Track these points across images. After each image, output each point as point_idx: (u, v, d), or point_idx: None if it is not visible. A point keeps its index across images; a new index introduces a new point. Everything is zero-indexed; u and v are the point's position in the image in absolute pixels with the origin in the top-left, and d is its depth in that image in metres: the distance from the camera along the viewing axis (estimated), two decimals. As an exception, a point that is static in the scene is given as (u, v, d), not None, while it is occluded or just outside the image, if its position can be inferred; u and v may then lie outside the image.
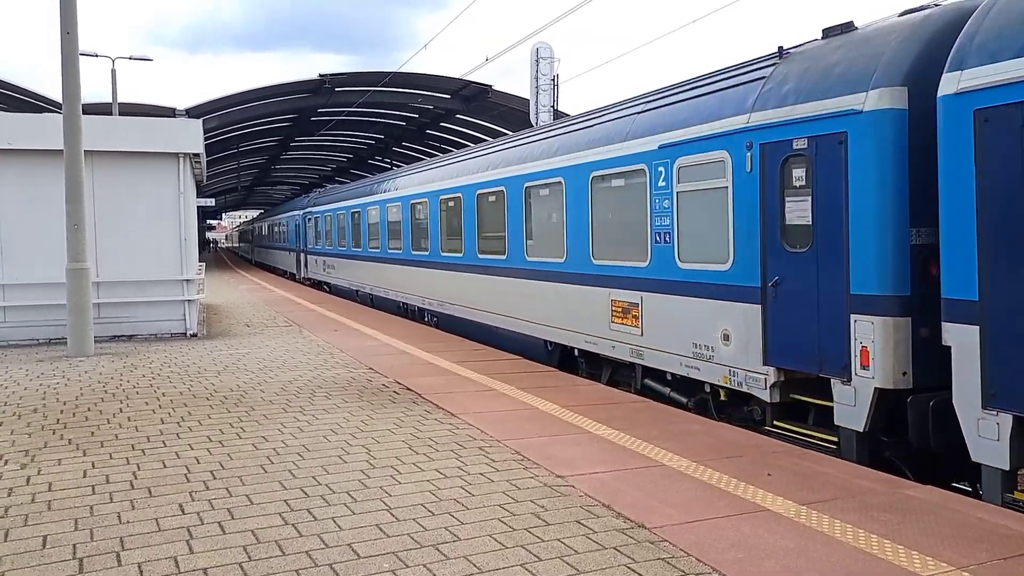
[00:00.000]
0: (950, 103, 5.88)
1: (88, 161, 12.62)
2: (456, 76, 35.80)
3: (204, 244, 76.46)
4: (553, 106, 33.38)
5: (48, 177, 13.17)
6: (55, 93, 27.15)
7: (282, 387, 9.28)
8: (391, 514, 4.95)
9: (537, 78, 32.89)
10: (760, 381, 7.49)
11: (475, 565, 4.17)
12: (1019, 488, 5.55)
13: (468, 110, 39.52)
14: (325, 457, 6.27)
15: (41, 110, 27.91)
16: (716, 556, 4.27)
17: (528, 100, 34.28)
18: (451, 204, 15.25)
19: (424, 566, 4.15)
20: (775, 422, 7.49)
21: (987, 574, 4.03)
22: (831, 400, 6.83)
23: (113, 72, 31.24)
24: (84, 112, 12.43)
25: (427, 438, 6.86)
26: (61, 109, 12.21)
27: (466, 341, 13.61)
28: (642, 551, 4.35)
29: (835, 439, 6.84)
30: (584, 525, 4.75)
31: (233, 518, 4.89)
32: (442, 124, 43.79)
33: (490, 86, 36.60)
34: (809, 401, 7.24)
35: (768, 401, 7.46)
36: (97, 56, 31.04)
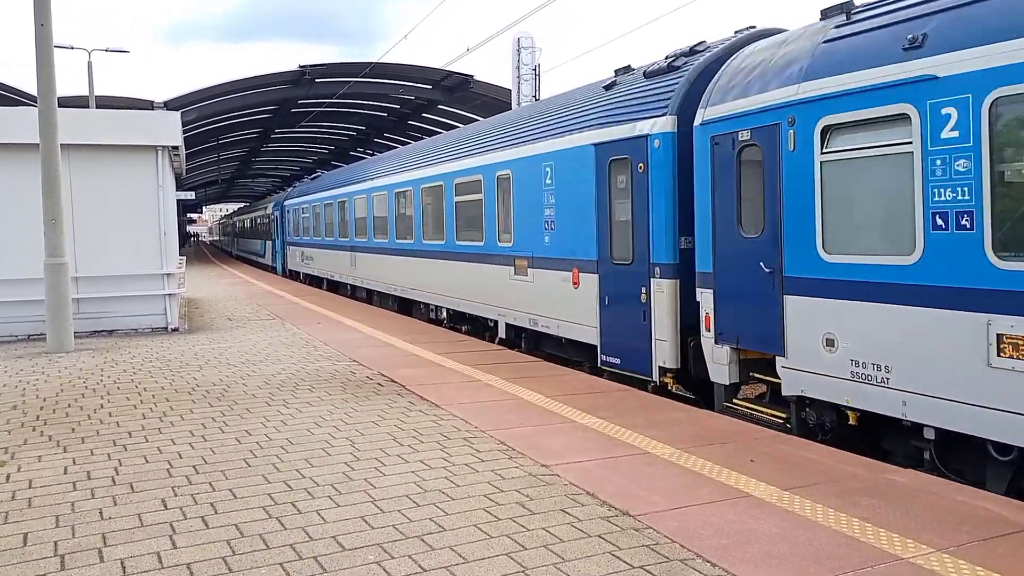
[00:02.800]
0: (699, 131, 8.18)
1: (65, 155, 12.46)
2: (438, 67, 35.65)
3: (185, 238, 74.88)
4: (535, 96, 33.30)
5: (24, 171, 12.97)
6: (30, 86, 26.79)
7: (265, 381, 9.23)
8: (376, 506, 4.94)
9: (519, 68, 32.78)
10: None
11: (460, 555, 4.16)
12: (737, 398, 7.91)
13: (450, 100, 39.35)
14: (309, 450, 6.24)
15: (15, 103, 27.52)
16: (700, 542, 4.29)
17: (510, 90, 34.18)
18: None
19: (409, 557, 4.15)
20: None
21: (967, 555, 4.07)
22: None
23: (89, 64, 30.88)
24: (60, 105, 12.27)
25: (411, 430, 6.85)
26: (35, 102, 12.04)
27: (449, 332, 13.57)
28: (627, 538, 4.36)
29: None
30: (569, 514, 4.76)
31: (216, 512, 4.86)
32: (424, 115, 43.60)
33: (472, 76, 36.46)
34: None
35: None
36: (73, 48, 30.77)
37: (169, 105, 31.30)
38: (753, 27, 9.27)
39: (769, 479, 5.34)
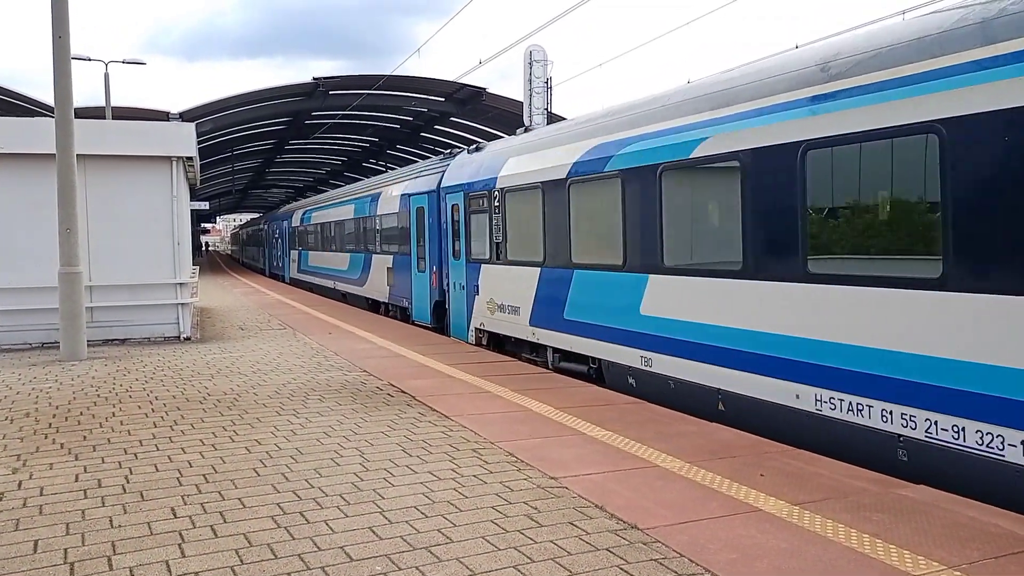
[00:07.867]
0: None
1: (80, 165, 12.58)
2: (450, 79, 35.82)
3: (198, 248, 73.79)
4: (547, 108, 33.39)
5: (40, 181, 13.12)
6: (47, 97, 27.04)
7: (276, 390, 9.26)
8: (384, 516, 4.94)
9: (531, 81, 32.88)
10: None
11: (467, 567, 4.16)
12: None
13: (462, 113, 39.53)
14: (318, 460, 6.26)
15: (33, 114, 27.84)
16: (709, 557, 4.27)
17: (522, 103, 34.28)
18: None
19: (416, 568, 4.15)
20: None
21: (979, 573, 4.04)
22: None
23: (106, 76, 31.17)
24: (76, 116, 12.41)
25: (421, 440, 6.85)
26: (53, 113, 12.18)
27: (458, 343, 13.60)
28: (635, 552, 4.35)
29: None
30: (577, 526, 4.75)
31: (225, 521, 4.88)
32: (436, 127, 43.81)
33: (484, 89, 36.60)
34: None
35: None
36: (90, 60, 31.00)
37: (184, 116, 31.56)
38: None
39: (779, 493, 5.31)
